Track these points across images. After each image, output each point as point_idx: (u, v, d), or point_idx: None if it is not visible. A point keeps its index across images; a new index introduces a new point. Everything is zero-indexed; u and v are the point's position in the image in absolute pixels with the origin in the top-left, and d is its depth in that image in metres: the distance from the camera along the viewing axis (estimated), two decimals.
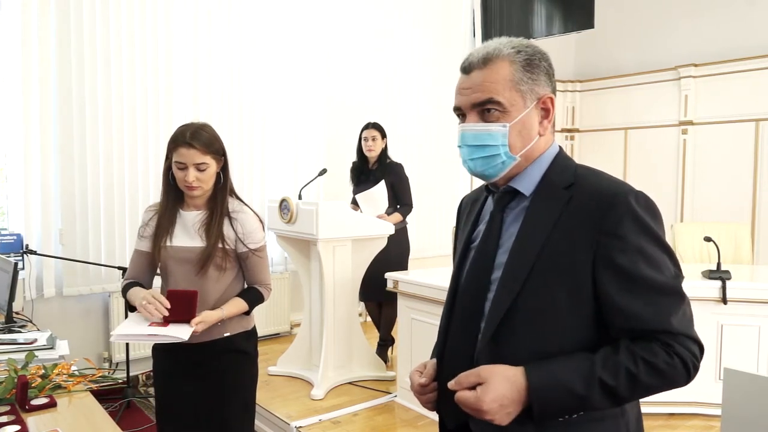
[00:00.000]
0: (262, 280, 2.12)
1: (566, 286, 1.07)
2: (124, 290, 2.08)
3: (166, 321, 1.90)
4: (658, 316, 1.05)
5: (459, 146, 1.18)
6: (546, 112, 1.16)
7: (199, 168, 1.96)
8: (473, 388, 1.05)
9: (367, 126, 4.08)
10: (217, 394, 2.06)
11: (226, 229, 2.03)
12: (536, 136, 1.16)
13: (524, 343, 1.09)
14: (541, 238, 1.10)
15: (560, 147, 1.22)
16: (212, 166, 1.99)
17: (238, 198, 2.13)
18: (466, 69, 1.16)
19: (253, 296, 2.09)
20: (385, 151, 4.10)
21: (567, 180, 1.14)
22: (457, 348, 1.20)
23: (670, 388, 1.07)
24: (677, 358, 1.04)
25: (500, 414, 1.03)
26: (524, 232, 1.13)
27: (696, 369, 1.07)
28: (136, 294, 1.99)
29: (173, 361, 2.08)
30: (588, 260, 1.06)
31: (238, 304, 2.05)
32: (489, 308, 1.14)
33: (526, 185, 1.16)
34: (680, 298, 1.07)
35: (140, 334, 1.89)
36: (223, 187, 2.06)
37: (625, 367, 1.02)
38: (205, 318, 1.93)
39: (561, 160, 1.18)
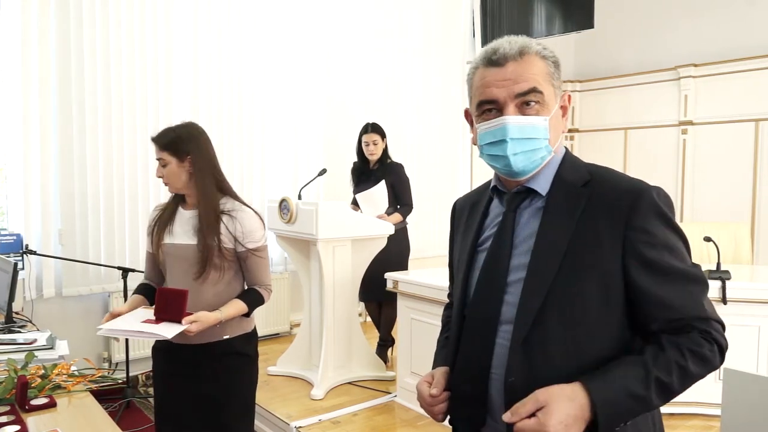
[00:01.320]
0: (262, 280, 2.10)
1: (596, 282, 1.07)
2: (134, 292, 2.18)
3: (157, 319, 1.89)
4: (693, 303, 1.08)
5: (493, 142, 1.12)
6: (564, 109, 1.17)
7: (161, 163, 2.02)
8: (532, 416, 1.01)
9: (367, 130, 4.05)
10: (217, 395, 2.04)
11: (224, 228, 2.01)
12: (561, 133, 1.17)
13: (558, 343, 1.07)
14: (565, 237, 1.08)
15: (566, 147, 1.22)
16: (172, 164, 2.01)
17: (235, 197, 2.10)
18: (500, 61, 1.11)
19: (253, 298, 2.07)
20: (385, 151, 4.10)
21: (582, 178, 1.14)
22: (472, 354, 1.17)
23: (708, 374, 1.10)
24: (715, 344, 1.08)
25: None
26: (546, 232, 1.11)
27: (726, 349, 1.10)
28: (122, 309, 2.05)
29: (173, 363, 2.08)
30: (617, 255, 1.07)
31: (238, 306, 2.02)
32: (517, 310, 1.10)
33: (542, 185, 1.15)
34: (705, 285, 1.12)
35: (127, 329, 1.89)
36: (202, 187, 2.02)
37: (676, 362, 1.04)
38: (200, 318, 1.90)
39: (571, 159, 1.19)
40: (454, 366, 1.22)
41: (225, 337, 2.04)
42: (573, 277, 1.07)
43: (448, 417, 1.24)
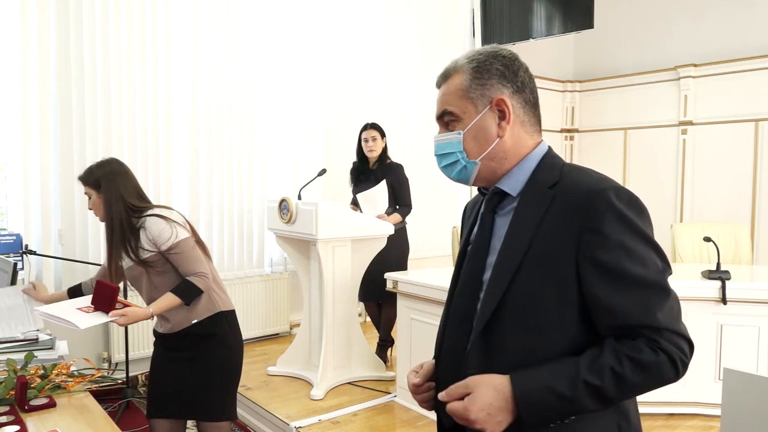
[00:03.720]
0: (190, 270, 2.25)
1: (551, 283, 1.08)
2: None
3: (95, 307, 2.15)
4: (642, 311, 1.04)
5: None
6: (502, 113, 1.17)
7: (88, 197, 2.31)
8: (463, 399, 1.07)
9: (366, 127, 4.08)
10: (193, 370, 2.28)
11: (142, 242, 2.23)
12: (496, 139, 1.17)
13: (513, 339, 1.11)
14: (527, 237, 1.11)
15: (549, 147, 1.22)
16: (94, 196, 2.29)
17: (146, 211, 2.27)
18: (436, 86, 1.25)
19: (184, 287, 2.24)
20: (385, 151, 4.10)
21: (552, 179, 1.14)
22: (452, 348, 1.22)
23: (661, 385, 1.07)
24: (663, 354, 1.03)
25: (490, 423, 1.04)
26: (511, 232, 1.15)
27: (684, 365, 1.06)
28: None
29: (162, 347, 2.36)
30: (571, 258, 1.07)
31: (168, 299, 2.22)
32: (479, 308, 1.16)
33: (513, 186, 1.18)
34: (665, 293, 1.07)
35: (55, 315, 2.11)
36: (108, 214, 2.26)
37: (610, 367, 1.03)
38: (127, 312, 2.14)
39: (548, 159, 1.19)
40: (440, 357, 1.27)
41: (193, 321, 2.28)
42: (530, 277, 1.09)
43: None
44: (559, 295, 1.08)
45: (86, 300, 2.23)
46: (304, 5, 4.86)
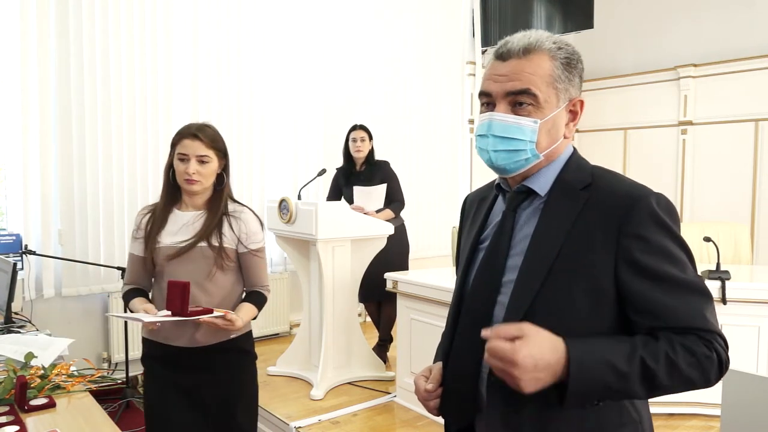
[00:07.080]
0: (262, 281, 2.11)
1: (586, 287, 1.04)
2: (125, 297, 2.08)
3: (173, 312, 1.87)
4: (694, 313, 1.02)
5: (481, 135, 1.13)
6: (574, 114, 1.14)
7: (202, 160, 1.97)
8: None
9: (355, 127, 4.10)
10: (225, 391, 2.05)
11: (226, 230, 2.02)
12: (561, 138, 1.13)
13: None
14: (559, 239, 1.07)
15: (574, 148, 1.19)
16: (214, 162, 2.00)
17: (236, 201, 2.13)
18: (504, 56, 1.11)
19: (260, 300, 2.09)
20: (371, 153, 4.11)
21: (584, 180, 1.11)
22: (463, 351, 1.17)
23: (703, 385, 1.03)
24: (715, 354, 1.01)
25: (529, 376, 0.95)
26: (541, 233, 1.10)
27: (726, 370, 1.04)
28: (136, 307, 1.99)
29: (172, 371, 2.04)
30: (610, 262, 1.04)
31: (252, 311, 2.06)
32: (505, 311, 1.10)
33: (542, 185, 1.13)
34: (709, 298, 1.06)
35: (136, 317, 1.86)
36: (222, 189, 2.06)
37: (665, 352, 0.99)
38: (235, 321, 1.91)
39: (576, 160, 1.16)
40: (448, 362, 1.22)
41: (232, 336, 2.05)
42: (563, 281, 1.05)
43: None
44: (594, 298, 1.04)
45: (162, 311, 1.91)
46: (304, 6, 4.86)
